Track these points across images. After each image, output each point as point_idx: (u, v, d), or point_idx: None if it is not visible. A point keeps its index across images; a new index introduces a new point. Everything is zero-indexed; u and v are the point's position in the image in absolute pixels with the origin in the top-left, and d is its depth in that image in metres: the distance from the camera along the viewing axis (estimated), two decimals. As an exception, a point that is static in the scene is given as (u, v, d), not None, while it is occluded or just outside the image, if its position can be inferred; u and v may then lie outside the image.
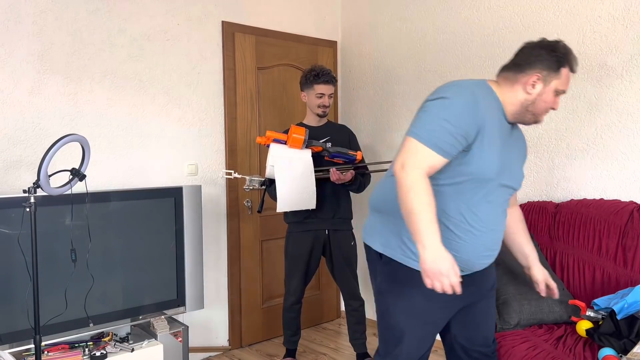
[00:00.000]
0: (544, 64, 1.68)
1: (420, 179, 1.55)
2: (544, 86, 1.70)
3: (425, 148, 1.57)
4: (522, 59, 1.72)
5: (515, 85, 1.72)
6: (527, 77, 1.70)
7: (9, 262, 2.30)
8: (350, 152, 2.87)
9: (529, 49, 1.72)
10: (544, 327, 2.28)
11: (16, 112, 2.59)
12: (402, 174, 1.56)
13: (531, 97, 1.70)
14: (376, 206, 1.82)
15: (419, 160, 1.57)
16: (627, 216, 2.40)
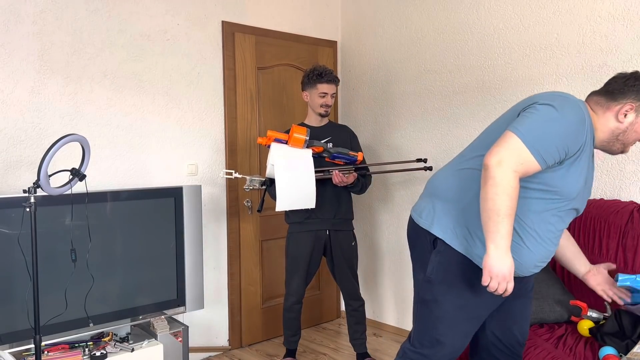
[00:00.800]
0: (638, 95, 1.70)
1: (516, 183, 1.55)
2: (636, 116, 1.70)
3: (527, 151, 1.56)
4: (615, 88, 1.72)
5: (607, 113, 1.72)
6: (620, 106, 1.70)
7: (9, 262, 2.29)
8: (351, 153, 2.87)
9: (623, 79, 1.73)
10: (544, 327, 2.28)
11: (16, 112, 2.59)
12: (499, 170, 1.54)
13: (623, 126, 1.71)
14: (446, 195, 1.77)
15: (518, 163, 1.55)
16: (627, 216, 2.40)
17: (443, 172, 1.84)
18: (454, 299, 1.76)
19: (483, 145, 1.75)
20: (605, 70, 2.64)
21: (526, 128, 1.57)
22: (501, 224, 1.54)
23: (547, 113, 1.59)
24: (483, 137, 1.78)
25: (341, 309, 4.09)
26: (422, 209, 1.83)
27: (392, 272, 3.74)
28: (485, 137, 1.76)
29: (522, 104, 1.69)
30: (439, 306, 1.78)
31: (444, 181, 1.81)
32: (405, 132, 3.61)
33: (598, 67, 2.67)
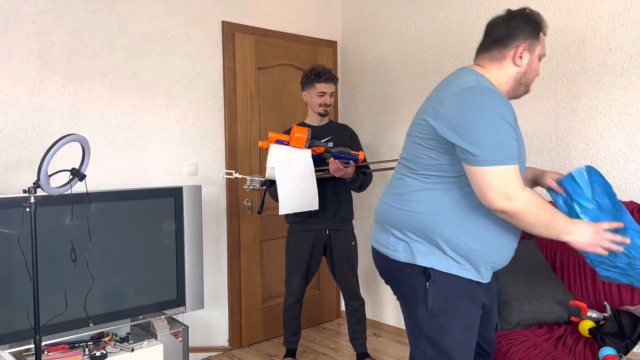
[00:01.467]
0: (525, 34, 1.67)
1: (530, 195, 1.52)
2: (530, 55, 1.69)
3: (505, 167, 1.51)
4: (501, 34, 1.68)
5: (504, 62, 1.68)
6: (514, 49, 1.67)
7: (9, 262, 2.29)
8: (352, 153, 2.87)
9: (504, 22, 1.69)
10: (544, 327, 2.28)
11: (16, 112, 2.59)
12: (514, 203, 1.50)
13: (522, 68, 1.68)
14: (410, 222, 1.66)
15: (514, 182, 1.51)
16: (627, 216, 2.40)
17: (391, 200, 1.73)
18: (462, 323, 1.67)
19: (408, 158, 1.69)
20: (605, 70, 2.64)
21: (485, 153, 1.50)
22: (559, 221, 1.56)
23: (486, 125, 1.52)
24: (406, 150, 1.72)
25: (341, 308, 4.09)
26: (393, 241, 1.70)
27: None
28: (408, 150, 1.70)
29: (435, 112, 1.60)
30: (449, 336, 1.66)
31: (401, 210, 1.69)
32: (405, 131, 3.61)
33: (598, 67, 2.67)
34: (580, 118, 2.75)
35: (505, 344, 2.16)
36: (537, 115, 2.91)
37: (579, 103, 2.75)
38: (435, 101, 1.63)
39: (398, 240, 1.69)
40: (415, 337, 1.72)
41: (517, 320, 2.26)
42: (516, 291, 2.31)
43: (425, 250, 1.64)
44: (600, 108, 2.67)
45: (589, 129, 2.72)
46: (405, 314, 1.75)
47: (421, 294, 1.65)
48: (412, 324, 1.72)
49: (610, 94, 2.63)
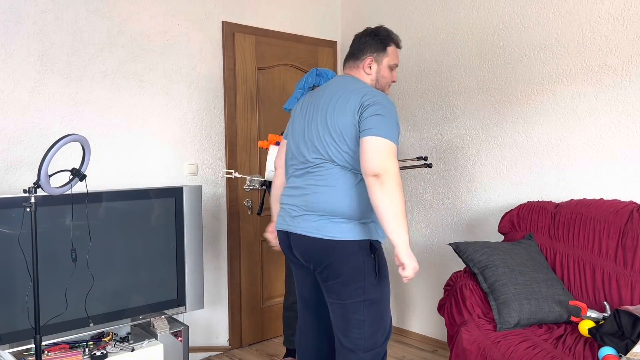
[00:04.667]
0: (372, 48, 2.05)
1: (400, 180, 1.84)
2: (378, 65, 2.06)
3: (393, 145, 1.83)
4: (355, 48, 2.08)
5: (360, 71, 2.07)
6: (362, 62, 2.06)
7: (9, 262, 2.30)
8: None
9: (358, 39, 2.08)
10: (544, 327, 2.28)
11: (16, 112, 2.59)
12: (389, 177, 1.79)
13: (372, 76, 2.05)
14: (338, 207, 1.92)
15: (395, 160, 1.82)
16: (627, 216, 2.40)
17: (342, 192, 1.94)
18: (388, 285, 2.02)
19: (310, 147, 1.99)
20: (605, 70, 2.64)
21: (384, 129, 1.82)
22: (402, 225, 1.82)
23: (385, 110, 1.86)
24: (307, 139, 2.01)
25: (341, 308, 4.09)
26: (332, 227, 1.92)
27: (391, 271, 3.74)
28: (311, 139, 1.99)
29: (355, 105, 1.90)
30: (386, 296, 2.00)
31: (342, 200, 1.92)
32: (405, 131, 3.61)
33: (598, 67, 2.67)
34: (580, 118, 2.75)
35: (505, 344, 2.16)
36: (537, 115, 2.92)
37: (579, 103, 2.75)
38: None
39: (344, 223, 1.92)
40: (355, 311, 1.94)
41: (516, 320, 2.26)
42: (516, 291, 2.31)
43: (363, 228, 1.93)
44: (600, 108, 2.67)
45: (589, 129, 2.72)
46: (346, 294, 1.94)
47: (369, 266, 1.93)
48: (351, 300, 1.94)
49: (610, 94, 2.63)
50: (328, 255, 1.92)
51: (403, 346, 3.48)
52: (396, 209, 1.78)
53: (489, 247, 2.51)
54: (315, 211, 1.93)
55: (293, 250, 2.04)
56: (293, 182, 2.06)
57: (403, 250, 1.80)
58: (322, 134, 1.94)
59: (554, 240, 2.60)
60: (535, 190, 2.94)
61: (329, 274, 1.94)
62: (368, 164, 1.80)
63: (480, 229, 3.22)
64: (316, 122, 1.98)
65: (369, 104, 1.86)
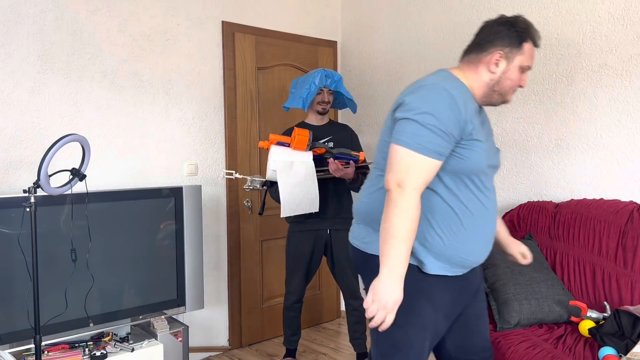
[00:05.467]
0: (505, 41, 1.64)
1: (417, 202, 1.51)
2: (508, 63, 1.65)
3: (421, 156, 1.51)
4: (482, 38, 1.67)
5: (479, 67, 1.67)
6: (489, 56, 1.65)
7: (9, 262, 2.30)
8: (353, 153, 2.87)
9: (488, 27, 1.67)
10: (544, 327, 2.28)
11: (16, 112, 2.59)
12: (399, 194, 1.50)
13: (496, 76, 1.66)
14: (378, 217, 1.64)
15: (417, 177, 1.51)
16: (627, 216, 2.40)
17: (366, 194, 1.77)
18: (416, 320, 1.64)
19: (377, 160, 1.73)
20: (605, 70, 2.64)
21: (407, 135, 1.53)
22: (398, 249, 1.47)
23: (417, 111, 1.53)
24: (379, 148, 1.74)
25: (341, 308, 4.09)
26: (364, 235, 1.73)
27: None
28: (378, 151, 1.73)
29: (393, 108, 1.65)
30: (400, 329, 1.63)
31: (371, 204, 1.71)
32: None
33: (598, 67, 2.67)
34: (580, 118, 2.75)
35: (505, 344, 2.16)
36: (537, 115, 2.91)
37: (579, 103, 2.75)
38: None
39: (369, 234, 1.71)
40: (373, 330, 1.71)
41: (516, 320, 2.26)
42: (516, 291, 2.31)
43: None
44: (600, 108, 2.67)
45: (589, 129, 2.72)
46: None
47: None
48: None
49: (610, 94, 2.63)
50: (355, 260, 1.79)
51: (403, 346, 3.48)
52: (388, 236, 1.49)
53: (489, 247, 2.51)
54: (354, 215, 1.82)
55: None
56: None
57: (379, 281, 1.49)
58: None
59: (554, 240, 2.60)
60: (535, 190, 2.94)
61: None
62: (386, 174, 1.56)
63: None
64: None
65: (403, 105, 1.59)
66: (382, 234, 1.51)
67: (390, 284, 1.48)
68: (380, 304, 1.48)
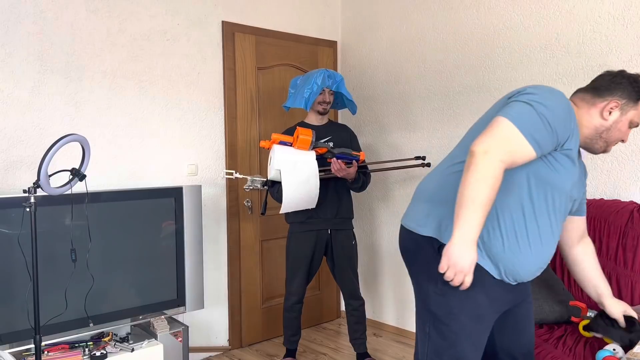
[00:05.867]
0: (624, 93, 1.68)
1: (499, 173, 1.47)
2: (621, 115, 1.68)
3: (521, 136, 1.48)
4: (602, 84, 1.71)
5: (592, 109, 1.70)
6: (606, 102, 1.68)
7: (9, 262, 2.29)
8: (354, 153, 2.88)
9: (610, 76, 1.71)
10: (544, 327, 2.28)
11: (16, 112, 2.59)
12: (484, 159, 1.45)
13: (607, 123, 1.68)
14: (446, 198, 1.63)
15: (507, 151, 1.47)
16: (627, 216, 2.40)
17: (435, 175, 1.73)
18: (471, 310, 1.60)
19: (455, 153, 1.70)
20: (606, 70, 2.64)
21: (517, 112, 1.50)
22: (474, 214, 1.45)
23: (535, 99, 1.53)
24: (469, 136, 1.70)
25: (341, 309, 4.09)
26: (421, 216, 1.68)
27: (392, 271, 3.75)
28: (472, 136, 1.68)
29: (506, 97, 1.63)
30: (456, 321, 1.61)
31: (440, 185, 1.68)
32: (405, 132, 3.61)
33: (598, 67, 2.67)
34: (580, 118, 2.74)
35: (505, 344, 2.15)
36: (537, 115, 2.91)
37: (579, 103, 2.75)
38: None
39: (428, 214, 1.65)
40: (422, 320, 1.68)
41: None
42: (516, 291, 2.31)
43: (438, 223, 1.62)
44: (600, 108, 2.67)
45: (589, 129, 2.72)
46: (416, 294, 1.71)
47: (433, 271, 1.60)
48: (420, 304, 1.69)
49: (610, 94, 2.63)
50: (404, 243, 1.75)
51: (403, 346, 3.48)
52: (468, 200, 1.46)
53: (489, 247, 2.51)
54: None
55: None
56: None
57: (452, 245, 1.48)
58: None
59: (554, 240, 2.60)
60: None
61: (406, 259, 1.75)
62: (476, 138, 1.52)
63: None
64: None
65: (524, 91, 1.57)
66: (460, 199, 1.47)
67: (464, 247, 1.46)
68: (457, 268, 1.48)
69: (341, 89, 2.96)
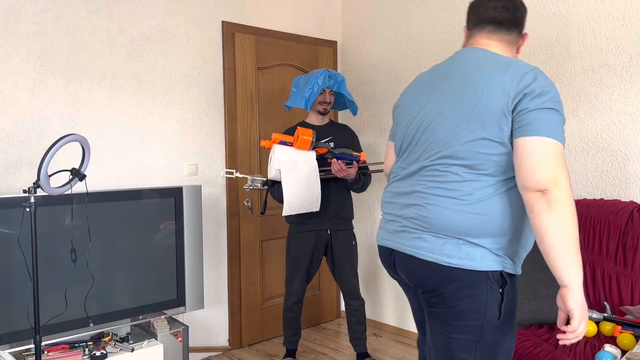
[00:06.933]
0: (523, 25, 1.59)
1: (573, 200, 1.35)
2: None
3: (563, 148, 1.36)
4: (523, 15, 1.57)
5: (513, 50, 1.59)
6: (522, 39, 1.60)
7: (9, 262, 2.29)
8: (354, 153, 2.88)
9: (521, 4, 1.57)
10: (544, 327, 2.28)
11: (16, 112, 2.59)
12: (562, 193, 1.32)
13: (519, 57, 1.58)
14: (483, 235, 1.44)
15: (566, 170, 1.34)
16: (627, 216, 2.40)
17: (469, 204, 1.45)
18: (513, 332, 1.52)
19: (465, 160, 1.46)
20: (606, 70, 2.64)
21: (554, 126, 1.36)
22: (578, 255, 1.34)
23: (555, 99, 1.39)
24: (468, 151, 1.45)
25: (341, 309, 4.09)
26: (459, 250, 1.46)
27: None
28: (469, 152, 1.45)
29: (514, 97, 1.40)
30: (507, 342, 1.50)
31: (485, 215, 1.44)
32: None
33: (598, 67, 2.67)
34: (580, 118, 2.75)
35: (505, 344, 2.16)
36: (537, 115, 2.91)
37: (579, 103, 2.75)
38: None
39: (475, 247, 1.45)
40: (463, 350, 1.49)
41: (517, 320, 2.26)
42: (516, 291, 2.31)
43: (495, 253, 1.46)
44: (600, 108, 2.67)
45: (589, 129, 2.72)
46: (455, 328, 1.49)
47: (492, 303, 1.45)
48: (463, 337, 1.48)
49: (611, 94, 2.63)
50: (443, 282, 1.47)
51: (403, 346, 3.48)
52: (570, 240, 1.31)
53: (489, 247, 2.51)
54: (431, 228, 1.48)
55: (397, 270, 1.62)
56: (398, 186, 1.62)
57: (576, 294, 1.32)
58: (456, 126, 1.46)
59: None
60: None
61: (438, 300, 1.50)
62: (531, 174, 1.33)
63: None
64: (449, 109, 1.48)
65: (536, 93, 1.38)
66: (558, 237, 1.32)
67: (583, 298, 1.34)
68: (584, 320, 1.35)
69: (342, 90, 2.96)
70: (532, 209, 1.35)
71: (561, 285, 1.35)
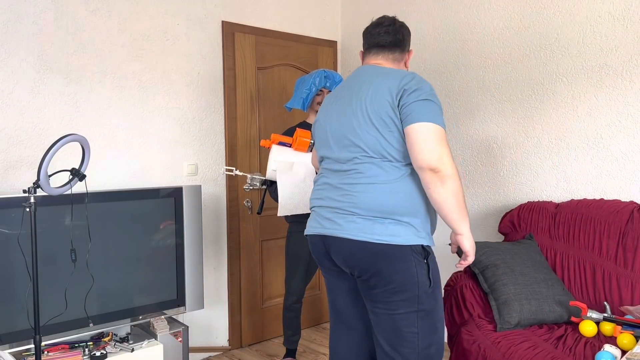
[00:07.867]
0: (408, 43, 1.93)
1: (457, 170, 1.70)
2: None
3: (444, 131, 1.68)
4: (404, 36, 1.90)
5: (400, 65, 1.92)
6: (407, 55, 1.94)
7: (9, 262, 2.29)
8: None
9: (397, 27, 1.89)
10: (544, 327, 2.28)
11: (16, 112, 2.59)
12: (448, 168, 1.65)
13: None
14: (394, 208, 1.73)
15: (447, 146, 1.67)
16: (627, 216, 2.40)
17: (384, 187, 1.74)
18: (441, 294, 1.84)
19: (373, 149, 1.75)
20: (606, 71, 2.64)
21: (432, 113, 1.67)
22: (466, 214, 1.73)
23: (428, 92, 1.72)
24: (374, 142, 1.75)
25: (341, 309, 4.09)
26: (386, 229, 1.73)
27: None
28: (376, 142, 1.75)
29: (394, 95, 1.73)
30: (440, 305, 1.82)
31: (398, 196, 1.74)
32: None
33: (598, 67, 2.67)
34: (580, 118, 2.75)
35: (505, 344, 2.15)
36: (537, 115, 2.91)
37: (579, 103, 2.75)
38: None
39: (398, 225, 1.74)
40: (408, 323, 1.76)
41: (517, 320, 2.26)
42: (516, 291, 2.31)
43: (415, 230, 1.75)
44: (600, 108, 2.67)
45: (589, 129, 2.72)
46: (397, 304, 1.75)
47: (422, 273, 1.75)
48: (405, 310, 1.76)
49: (610, 94, 2.63)
50: (377, 260, 1.72)
51: (403, 346, 3.48)
52: (460, 203, 1.67)
53: (489, 247, 2.51)
54: (360, 211, 1.74)
55: (332, 256, 1.84)
56: (325, 181, 1.88)
57: (469, 239, 1.75)
58: (358, 126, 1.75)
59: (554, 241, 2.60)
60: (535, 190, 2.94)
61: (377, 281, 1.74)
62: (421, 154, 1.63)
63: (480, 229, 3.22)
64: (351, 114, 1.79)
65: (413, 89, 1.70)
66: (452, 205, 1.67)
67: (472, 237, 1.77)
68: (474, 252, 1.79)
69: None
70: (429, 185, 1.66)
71: (456, 233, 1.74)
